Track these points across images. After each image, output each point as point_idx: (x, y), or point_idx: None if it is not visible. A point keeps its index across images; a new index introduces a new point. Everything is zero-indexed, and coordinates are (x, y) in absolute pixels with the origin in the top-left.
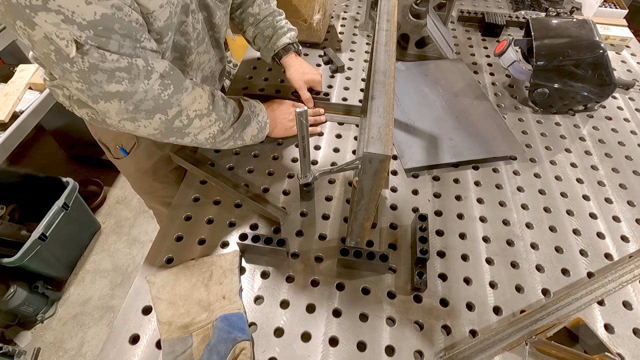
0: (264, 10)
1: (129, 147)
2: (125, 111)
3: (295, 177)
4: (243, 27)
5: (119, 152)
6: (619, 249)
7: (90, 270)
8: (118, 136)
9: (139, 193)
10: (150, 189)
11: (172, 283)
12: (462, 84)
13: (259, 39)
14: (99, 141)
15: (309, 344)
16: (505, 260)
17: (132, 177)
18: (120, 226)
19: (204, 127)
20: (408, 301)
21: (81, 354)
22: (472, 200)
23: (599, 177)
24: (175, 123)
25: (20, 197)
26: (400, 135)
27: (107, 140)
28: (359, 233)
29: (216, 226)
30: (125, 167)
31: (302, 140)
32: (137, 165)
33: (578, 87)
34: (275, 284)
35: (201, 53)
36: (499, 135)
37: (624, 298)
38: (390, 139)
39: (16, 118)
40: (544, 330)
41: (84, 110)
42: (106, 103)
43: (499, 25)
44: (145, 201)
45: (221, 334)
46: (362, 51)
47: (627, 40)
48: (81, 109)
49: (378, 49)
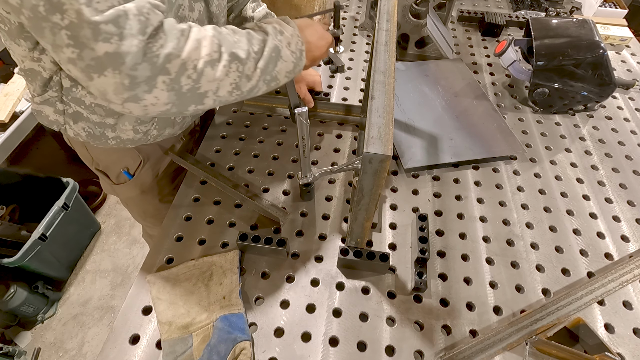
0: (258, 14)
1: (134, 168)
2: (122, 87)
3: (295, 177)
4: None
5: (123, 176)
6: (619, 248)
7: (91, 271)
8: (121, 158)
9: (142, 218)
10: (155, 211)
11: (172, 283)
12: (462, 84)
13: None
14: (97, 170)
15: (309, 344)
16: (506, 260)
17: (135, 201)
18: (121, 226)
19: (221, 78)
20: (408, 301)
21: (81, 354)
22: (472, 200)
23: (599, 177)
24: (182, 82)
25: (20, 197)
26: (400, 135)
27: (108, 165)
28: (359, 233)
29: (216, 226)
30: (128, 192)
31: (302, 140)
32: (143, 187)
33: (578, 87)
34: (275, 284)
35: None
36: (499, 135)
37: (624, 298)
38: (390, 139)
39: (16, 118)
40: (544, 330)
41: (80, 125)
42: (100, 77)
43: (499, 25)
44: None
45: (221, 334)
46: (362, 51)
47: (627, 40)
48: (77, 124)
49: (378, 49)
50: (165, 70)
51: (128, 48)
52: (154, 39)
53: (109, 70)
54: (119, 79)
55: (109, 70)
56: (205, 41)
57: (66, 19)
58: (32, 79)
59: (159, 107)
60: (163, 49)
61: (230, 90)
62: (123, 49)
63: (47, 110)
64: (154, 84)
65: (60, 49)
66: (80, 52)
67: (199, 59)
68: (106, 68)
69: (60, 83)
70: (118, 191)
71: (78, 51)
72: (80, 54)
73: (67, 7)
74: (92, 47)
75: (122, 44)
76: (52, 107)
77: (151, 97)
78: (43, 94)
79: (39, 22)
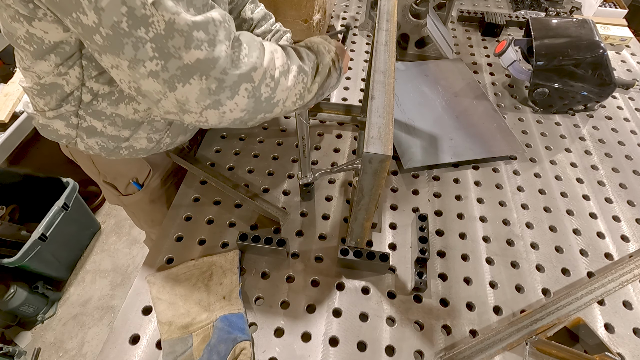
0: (257, 14)
1: (143, 178)
2: (207, 92)
3: (295, 177)
4: None
5: (132, 187)
6: (619, 248)
7: (91, 271)
8: (130, 170)
9: (150, 226)
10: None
11: (172, 283)
12: (462, 84)
13: None
14: (104, 182)
15: (309, 344)
16: (506, 260)
17: (145, 210)
18: (120, 226)
19: (290, 88)
20: (408, 301)
21: (81, 354)
22: (472, 200)
23: (599, 177)
24: (262, 90)
25: (20, 198)
26: (400, 135)
27: (116, 176)
28: (359, 233)
29: (216, 226)
30: (136, 202)
31: (302, 140)
32: (152, 196)
33: (578, 87)
34: (275, 284)
35: None
36: (499, 135)
37: (624, 298)
38: (390, 139)
39: (16, 118)
40: (544, 330)
41: (94, 140)
42: (185, 86)
43: (499, 25)
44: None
45: (221, 334)
46: (362, 51)
47: (627, 40)
48: (91, 138)
49: (378, 49)
50: (250, 78)
51: (219, 53)
52: (237, 47)
53: (196, 76)
54: (206, 84)
55: (196, 76)
56: (277, 53)
57: (152, 32)
58: (47, 93)
59: (235, 113)
60: (248, 57)
61: (295, 100)
62: (215, 55)
63: (57, 124)
64: (237, 90)
65: (140, 63)
66: (165, 63)
67: (275, 69)
68: (194, 75)
69: (79, 97)
70: (126, 202)
71: (163, 62)
72: (165, 65)
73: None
74: (181, 56)
75: (213, 49)
76: (65, 121)
77: (232, 103)
78: (58, 108)
79: (118, 40)
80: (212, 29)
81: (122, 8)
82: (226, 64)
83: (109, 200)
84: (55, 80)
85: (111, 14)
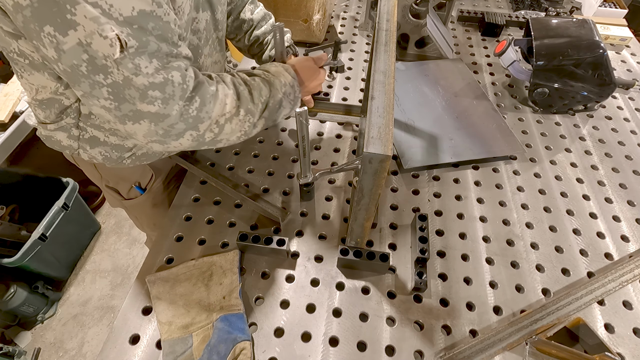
0: (257, 15)
1: (146, 183)
2: (154, 134)
3: (295, 177)
4: (237, 35)
5: (134, 191)
6: (619, 248)
7: (91, 271)
8: (133, 174)
9: (151, 229)
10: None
11: (172, 283)
12: (462, 84)
13: (255, 47)
14: (106, 187)
15: (309, 344)
16: (505, 260)
17: (147, 214)
18: (120, 226)
19: (235, 130)
20: (408, 301)
21: (81, 354)
22: (472, 200)
23: (599, 177)
24: (206, 135)
25: (20, 198)
26: (400, 135)
27: (118, 181)
28: (359, 233)
29: (216, 226)
30: (139, 206)
31: (302, 140)
32: (154, 200)
33: (578, 87)
34: (275, 284)
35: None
36: (499, 135)
37: (624, 298)
38: (390, 139)
39: (16, 118)
40: (544, 330)
41: (97, 150)
42: (134, 124)
43: (499, 25)
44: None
45: (221, 334)
46: (362, 51)
47: (627, 40)
48: (94, 149)
49: (378, 49)
50: (195, 128)
51: (170, 111)
52: (190, 102)
53: (146, 121)
54: (154, 129)
55: (145, 121)
56: (228, 99)
57: (109, 79)
58: (47, 107)
59: (179, 149)
60: (198, 112)
61: (239, 136)
62: (166, 112)
63: (59, 136)
64: (182, 135)
65: (95, 99)
66: (118, 105)
67: (222, 116)
68: (144, 119)
69: (78, 110)
70: (128, 206)
71: (116, 104)
72: (118, 106)
73: (115, 70)
74: (135, 103)
75: (165, 107)
76: (67, 132)
77: (176, 143)
78: (58, 121)
79: (76, 77)
80: (169, 90)
81: (84, 55)
82: (175, 120)
83: (111, 204)
84: (53, 96)
85: (71, 57)
